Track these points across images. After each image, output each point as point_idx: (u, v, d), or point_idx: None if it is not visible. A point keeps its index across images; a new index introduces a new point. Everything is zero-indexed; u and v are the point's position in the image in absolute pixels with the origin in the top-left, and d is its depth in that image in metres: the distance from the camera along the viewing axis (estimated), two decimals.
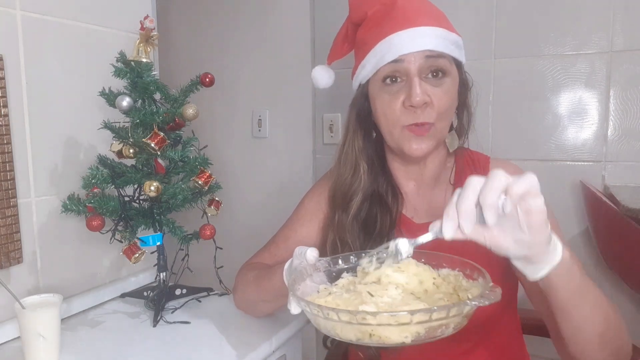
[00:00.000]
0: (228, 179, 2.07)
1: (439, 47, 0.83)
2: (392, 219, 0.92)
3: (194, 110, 0.98)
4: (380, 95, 0.88)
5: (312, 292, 0.70)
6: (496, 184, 0.54)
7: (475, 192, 0.55)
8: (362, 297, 0.63)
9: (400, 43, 0.83)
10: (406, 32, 0.83)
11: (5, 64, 0.94)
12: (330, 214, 0.98)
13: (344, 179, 0.95)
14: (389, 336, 0.55)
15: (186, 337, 0.96)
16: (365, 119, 0.95)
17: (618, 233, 1.33)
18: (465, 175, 0.94)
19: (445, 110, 0.86)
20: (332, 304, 0.63)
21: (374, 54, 0.86)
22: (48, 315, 0.84)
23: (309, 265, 0.73)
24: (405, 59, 0.83)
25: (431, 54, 0.83)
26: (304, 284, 0.71)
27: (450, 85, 0.86)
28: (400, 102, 0.85)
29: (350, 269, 0.75)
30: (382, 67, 0.85)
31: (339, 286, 0.71)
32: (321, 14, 1.90)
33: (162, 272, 1.08)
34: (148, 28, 0.97)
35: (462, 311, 0.55)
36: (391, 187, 0.96)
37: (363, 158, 0.95)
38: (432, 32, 0.83)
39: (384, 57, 0.84)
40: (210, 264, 1.12)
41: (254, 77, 2.04)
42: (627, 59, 1.48)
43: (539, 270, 0.60)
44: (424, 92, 0.83)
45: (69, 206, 0.96)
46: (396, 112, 0.86)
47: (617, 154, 1.51)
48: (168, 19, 2.17)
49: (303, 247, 0.75)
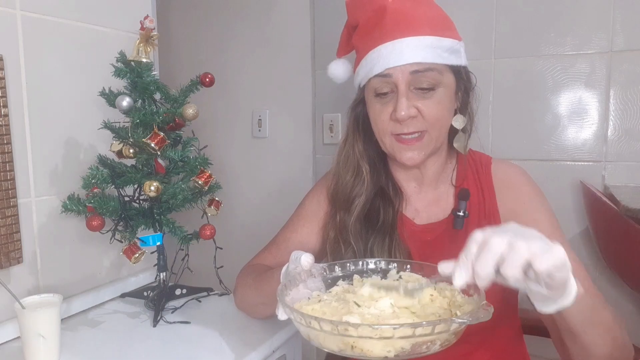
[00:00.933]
0: (228, 179, 2.07)
1: (427, 58, 0.83)
2: (394, 212, 0.93)
3: (194, 110, 0.98)
4: (373, 104, 0.89)
5: (302, 298, 0.69)
6: (518, 260, 0.52)
7: (495, 258, 0.53)
8: (349, 307, 0.62)
9: (388, 56, 0.83)
10: (393, 43, 0.83)
11: (5, 64, 0.94)
12: (332, 213, 0.97)
13: (345, 181, 0.95)
14: (371, 349, 0.55)
15: (186, 337, 0.96)
16: (365, 122, 0.95)
17: (618, 233, 1.33)
18: (467, 177, 0.94)
19: (438, 119, 0.86)
20: (319, 312, 0.62)
21: (365, 63, 0.87)
22: (48, 315, 0.84)
23: (303, 271, 0.72)
24: (393, 73, 0.84)
25: (418, 68, 0.83)
26: (296, 290, 0.70)
27: (442, 94, 0.86)
28: (388, 113, 0.86)
29: (347, 277, 0.74)
30: (372, 78, 0.86)
31: (332, 294, 0.70)
32: (321, 14, 1.90)
33: (162, 272, 1.08)
34: (148, 28, 0.97)
35: (448, 328, 0.53)
36: (392, 184, 0.97)
37: (365, 160, 0.95)
38: (420, 42, 0.83)
39: (372, 69, 0.85)
40: (210, 264, 1.12)
41: (254, 77, 2.03)
42: (627, 59, 1.48)
43: (548, 307, 0.59)
44: (409, 107, 0.83)
45: (69, 206, 0.96)
46: (385, 122, 0.87)
47: (617, 154, 1.51)
48: (168, 19, 2.17)
49: (299, 252, 0.75)
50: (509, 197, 0.90)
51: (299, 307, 0.65)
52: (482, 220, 0.90)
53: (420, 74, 0.83)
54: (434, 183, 0.96)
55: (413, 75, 0.83)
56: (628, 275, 1.42)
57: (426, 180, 0.96)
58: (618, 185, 1.48)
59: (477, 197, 0.92)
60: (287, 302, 0.63)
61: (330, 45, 1.00)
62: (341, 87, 1.01)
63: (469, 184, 0.93)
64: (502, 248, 0.53)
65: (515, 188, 0.91)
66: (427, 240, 0.92)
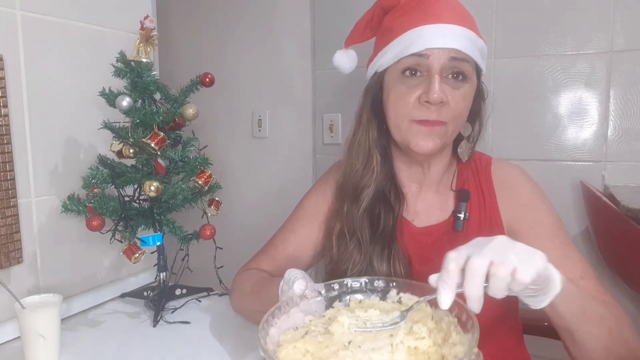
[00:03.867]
0: (228, 179, 2.07)
1: (466, 49, 0.82)
2: (395, 219, 0.92)
3: (194, 110, 0.98)
4: (397, 86, 0.85)
5: (291, 328, 0.67)
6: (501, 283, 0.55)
7: (483, 279, 0.55)
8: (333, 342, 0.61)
9: (429, 36, 0.81)
10: (436, 26, 0.81)
11: (5, 64, 0.94)
12: (338, 204, 0.96)
13: (355, 169, 0.93)
14: None
15: (186, 337, 0.96)
16: (379, 108, 0.91)
17: (618, 233, 1.33)
18: (468, 179, 0.93)
19: (460, 114, 0.85)
20: (301, 349, 0.61)
21: (398, 42, 0.84)
22: (48, 315, 0.84)
23: (296, 296, 0.69)
24: (431, 54, 0.81)
25: (457, 56, 0.82)
26: (286, 317, 0.67)
27: (468, 90, 0.85)
28: (415, 97, 0.83)
29: (346, 293, 0.72)
30: (405, 57, 0.83)
31: (325, 319, 0.68)
32: (321, 14, 1.90)
33: (162, 272, 1.08)
34: (148, 28, 0.97)
35: None
36: (394, 187, 0.95)
37: (377, 149, 0.92)
38: (462, 32, 0.82)
39: (409, 48, 0.82)
40: (210, 264, 1.12)
41: (254, 77, 2.03)
42: (627, 59, 1.48)
43: (541, 302, 0.60)
44: (442, 91, 0.81)
45: (69, 206, 0.96)
46: (409, 105, 0.84)
47: (617, 154, 1.51)
48: (168, 19, 2.17)
49: (293, 272, 0.72)
50: (510, 198, 0.90)
51: (283, 341, 0.63)
52: (483, 222, 0.90)
53: (458, 62, 0.82)
54: (435, 185, 0.95)
55: (451, 62, 0.82)
56: (628, 275, 1.42)
57: (427, 181, 0.95)
58: (618, 185, 1.49)
59: (477, 199, 0.91)
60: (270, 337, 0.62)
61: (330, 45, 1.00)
62: (341, 87, 1.01)
63: (469, 186, 0.93)
64: (485, 268, 0.55)
65: (516, 188, 0.91)
66: (426, 242, 0.91)
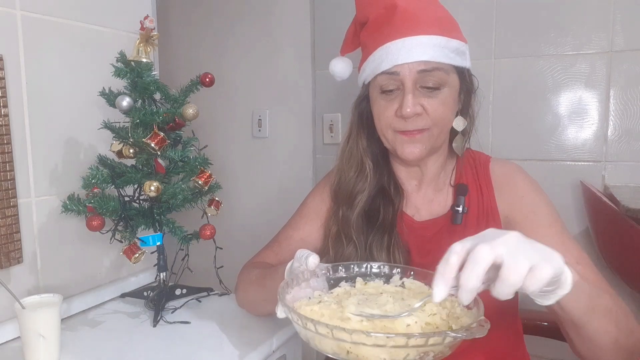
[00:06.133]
0: (228, 179, 2.07)
1: (435, 57, 0.83)
2: (394, 211, 0.93)
3: (194, 110, 0.98)
4: (378, 100, 0.90)
5: (304, 297, 0.69)
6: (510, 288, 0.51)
7: (484, 270, 0.51)
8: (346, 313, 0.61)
9: (397, 52, 0.83)
10: (403, 41, 0.83)
11: (5, 64, 0.94)
12: (334, 208, 0.98)
13: (348, 177, 0.96)
14: (365, 355, 0.55)
15: (186, 337, 0.96)
16: (368, 119, 0.96)
17: (618, 233, 1.33)
18: (466, 174, 0.95)
19: (442, 118, 0.87)
20: (317, 313, 0.62)
21: (372, 59, 0.87)
22: (48, 315, 0.84)
23: (307, 271, 0.72)
24: (400, 70, 0.84)
25: (426, 67, 0.83)
26: (298, 288, 0.70)
27: (447, 94, 0.87)
28: (393, 110, 0.87)
29: (350, 278, 0.74)
30: (379, 75, 0.87)
31: (333, 295, 0.70)
32: (321, 14, 1.90)
33: (162, 272, 1.08)
34: (148, 28, 0.97)
35: (442, 341, 0.53)
36: (394, 182, 0.98)
37: (368, 156, 0.96)
38: (429, 41, 0.83)
39: (380, 66, 0.85)
40: (210, 264, 1.12)
41: (254, 77, 2.03)
42: (627, 59, 1.48)
43: (548, 300, 0.59)
44: (415, 104, 0.84)
45: (69, 206, 0.96)
46: (389, 118, 0.88)
47: (617, 154, 1.51)
48: (168, 19, 2.17)
49: (305, 251, 0.75)
50: (507, 191, 0.92)
51: (299, 306, 0.65)
52: (481, 216, 0.91)
53: (428, 73, 0.84)
54: (434, 182, 0.97)
55: (420, 74, 0.84)
56: (628, 275, 1.42)
57: (426, 178, 0.97)
58: (618, 185, 1.49)
59: (475, 194, 0.93)
60: (287, 301, 0.63)
61: (330, 45, 1.00)
62: (341, 87, 1.02)
63: (467, 181, 0.95)
64: (490, 260, 0.51)
65: (513, 182, 0.93)
66: (426, 236, 0.93)
